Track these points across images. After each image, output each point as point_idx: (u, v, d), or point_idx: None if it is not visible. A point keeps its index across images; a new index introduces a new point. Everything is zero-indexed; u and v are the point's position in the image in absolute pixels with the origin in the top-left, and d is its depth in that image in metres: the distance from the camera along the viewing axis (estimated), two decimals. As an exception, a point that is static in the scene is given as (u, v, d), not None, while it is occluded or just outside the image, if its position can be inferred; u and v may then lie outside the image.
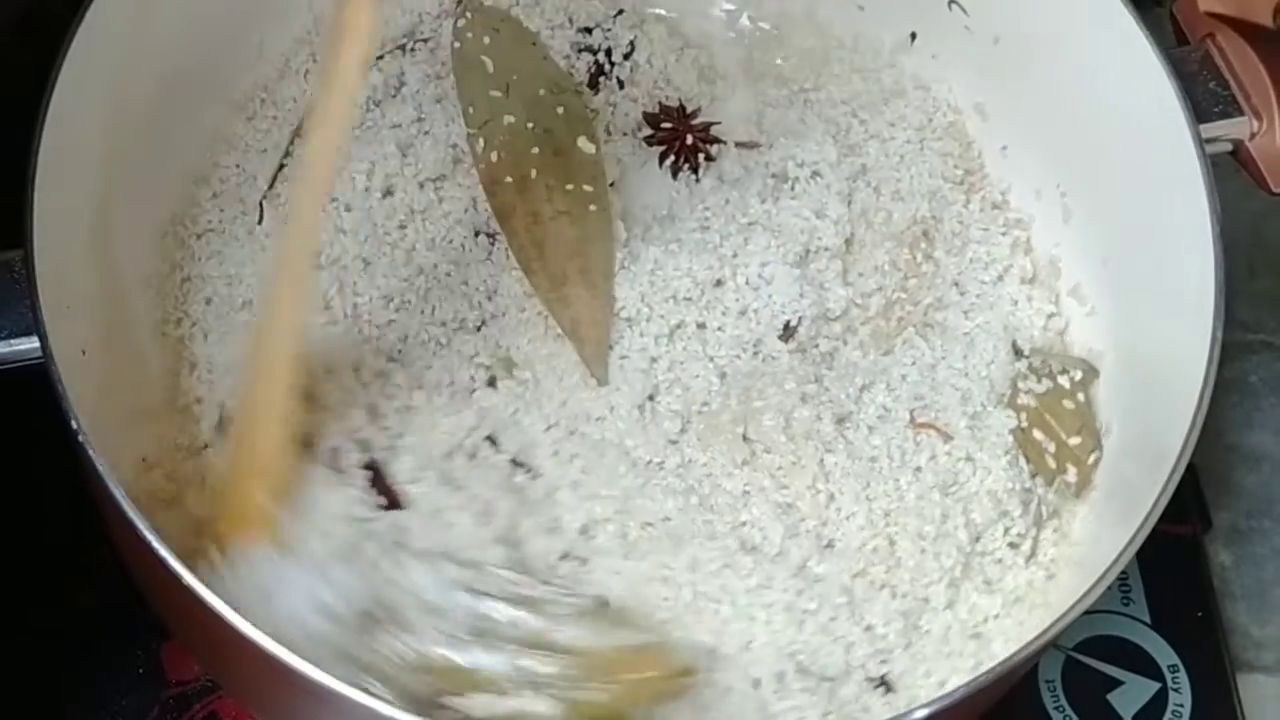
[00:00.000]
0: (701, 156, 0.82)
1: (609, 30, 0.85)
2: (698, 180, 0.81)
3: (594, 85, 0.84)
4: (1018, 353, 0.77)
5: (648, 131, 0.82)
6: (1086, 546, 0.72)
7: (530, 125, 0.79)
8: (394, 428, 0.71)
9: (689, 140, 0.82)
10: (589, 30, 0.85)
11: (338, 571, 0.63)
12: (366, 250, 0.75)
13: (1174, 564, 0.83)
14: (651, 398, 0.74)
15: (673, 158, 0.82)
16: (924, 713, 0.58)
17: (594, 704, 0.62)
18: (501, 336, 0.75)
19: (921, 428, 0.74)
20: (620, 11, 0.86)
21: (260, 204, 0.77)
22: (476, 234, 0.77)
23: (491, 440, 0.72)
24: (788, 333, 0.75)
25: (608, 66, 0.84)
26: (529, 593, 0.66)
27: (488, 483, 0.70)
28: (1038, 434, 0.74)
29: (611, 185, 0.79)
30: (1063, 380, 0.76)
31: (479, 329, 0.75)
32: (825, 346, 0.76)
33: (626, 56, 0.84)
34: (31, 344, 0.62)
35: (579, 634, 0.65)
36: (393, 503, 0.68)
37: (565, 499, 0.71)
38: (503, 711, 0.61)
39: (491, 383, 0.73)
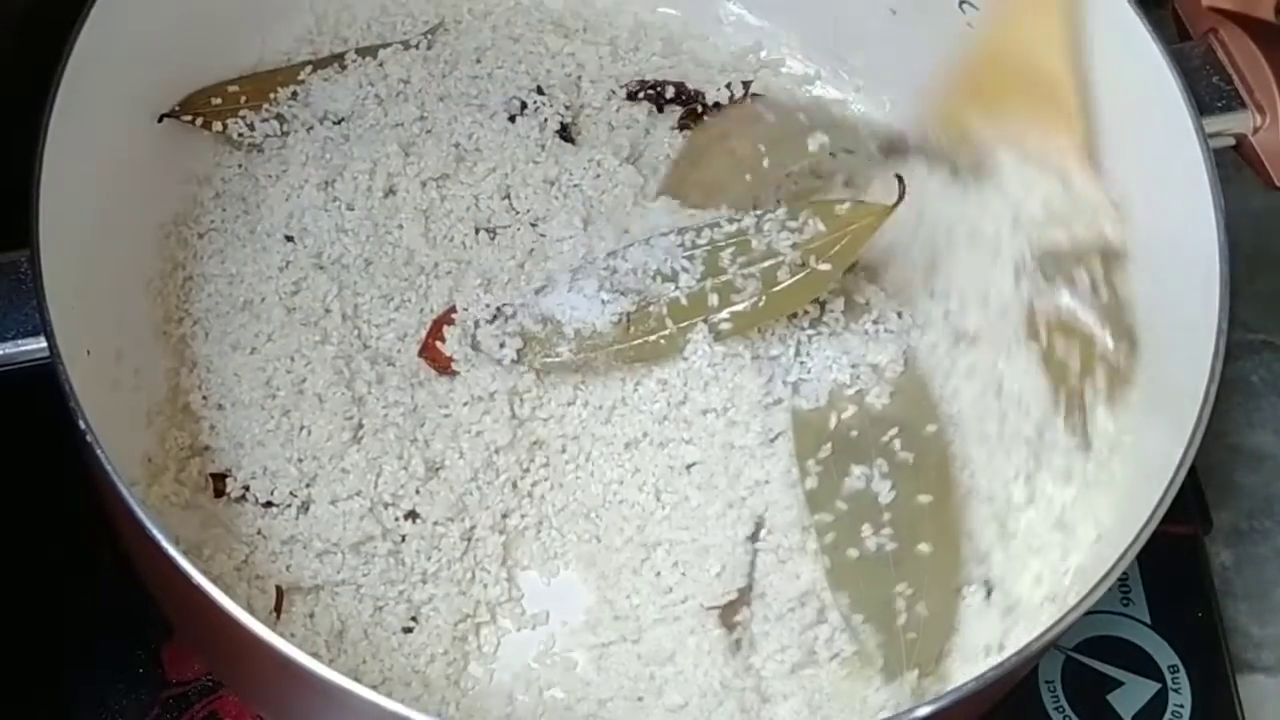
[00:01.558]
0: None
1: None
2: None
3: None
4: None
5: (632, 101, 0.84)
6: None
7: None
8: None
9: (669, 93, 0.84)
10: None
11: None
12: (368, 250, 0.75)
13: (1174, 564, 0.84)
14: None
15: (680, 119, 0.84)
16: (925, 712, 0.58)
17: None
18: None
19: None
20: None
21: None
22: (478, 231, 0.77)
23: None
24: None
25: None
26: None
27: None
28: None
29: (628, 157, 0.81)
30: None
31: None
32: None
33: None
34: (38, 344, 0.62)
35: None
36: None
37: None
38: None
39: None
